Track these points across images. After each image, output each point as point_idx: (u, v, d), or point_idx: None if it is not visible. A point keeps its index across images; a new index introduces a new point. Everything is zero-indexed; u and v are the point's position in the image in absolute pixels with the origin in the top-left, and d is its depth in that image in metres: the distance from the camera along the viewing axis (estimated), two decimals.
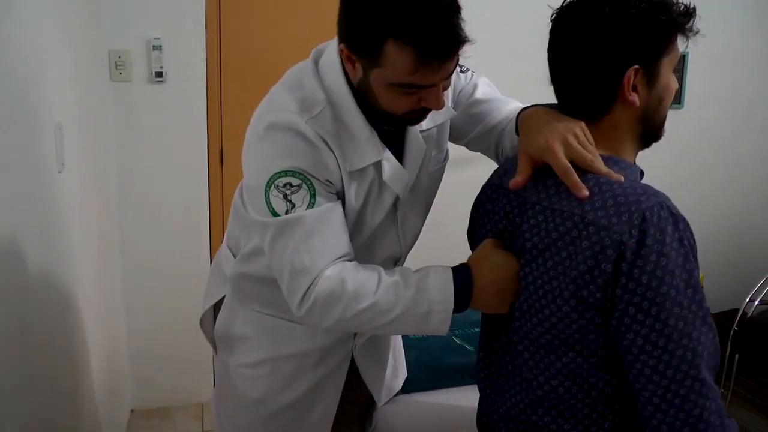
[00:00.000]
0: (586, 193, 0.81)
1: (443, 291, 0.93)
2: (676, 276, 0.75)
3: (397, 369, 1.37)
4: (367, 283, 0.93)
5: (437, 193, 1.20)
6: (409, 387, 1.41)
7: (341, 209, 0.99)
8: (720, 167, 3.04)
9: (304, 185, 0.94)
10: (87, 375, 1.59)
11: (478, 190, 1.04)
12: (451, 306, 0.93)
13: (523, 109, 0.99)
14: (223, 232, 2.33)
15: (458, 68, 1.15)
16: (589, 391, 0.85)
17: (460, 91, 1.15)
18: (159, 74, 2.17)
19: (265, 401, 1.17)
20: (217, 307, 1.24)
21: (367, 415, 1.35)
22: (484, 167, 1.08)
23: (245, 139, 1.01)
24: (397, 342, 1.38)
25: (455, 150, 1.21)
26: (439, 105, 0.94)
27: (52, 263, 1.34)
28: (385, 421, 1.34)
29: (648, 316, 0.76)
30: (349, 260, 0.97)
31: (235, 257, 1.17)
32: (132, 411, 2.40)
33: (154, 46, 2.15)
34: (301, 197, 0.94)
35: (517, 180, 0.88)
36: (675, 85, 0.88)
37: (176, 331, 2.33)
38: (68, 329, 1.45)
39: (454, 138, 1.18)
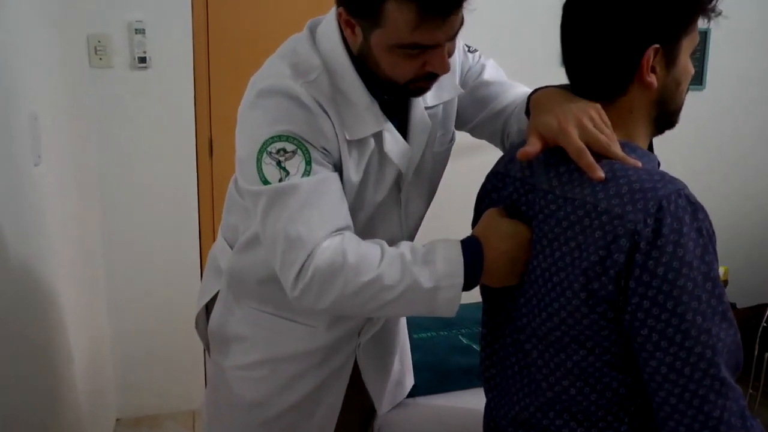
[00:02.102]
0: (602, 175, 0.81)
1: (452, 264, 0.90)
2: (694, 268, 0.75)
3: (403, 375, 1.37)
4: (369, 256, 0.91)
5: (442, 184, 1.19)
6: (413, 390, 1.41)
7: (339, 181, 0.98)
8: (744, 151, 3.02)
9: (299, 151, 0.93)
10: (69, 381, 1.60)
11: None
12: (461, 281, 0.91)
13: (535, 91, 0.99)
14: (214, 227, 2.36)
15: (466, 48, 1.15)
16: (603, 392, 0.85)
17: (467, 71, 1.15)
18: (142, 60, 2.16)
19: (263, 405, 1.17)
20: (211, 306, 1.24)
21: (369, 422, 1.35)
22: (492, 155, 1.08)
23: (238, 113, 1.01)
24: (404, 346, 1.38)
25: (461, 137, 1.21)
26: (445, 68, 0.93)
27: (30, 261, 1.34)
28: (388, 427, 1.34)
29: (663, 310, 0.76)
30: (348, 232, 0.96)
31: (232, 249, 1.17)
32: (118, 420, 2.41)
33: (136, 30, 2.15)
34: (295, 164, 0.93)
35: (527, 150, 0.87)
36: (692, 69, 0.88)
37: (164, 332, 2.34)
38: (48, 332, 1.45)
39: (459, 123, 1.18)
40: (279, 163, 0.93)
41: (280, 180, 0.93)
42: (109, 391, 2.31)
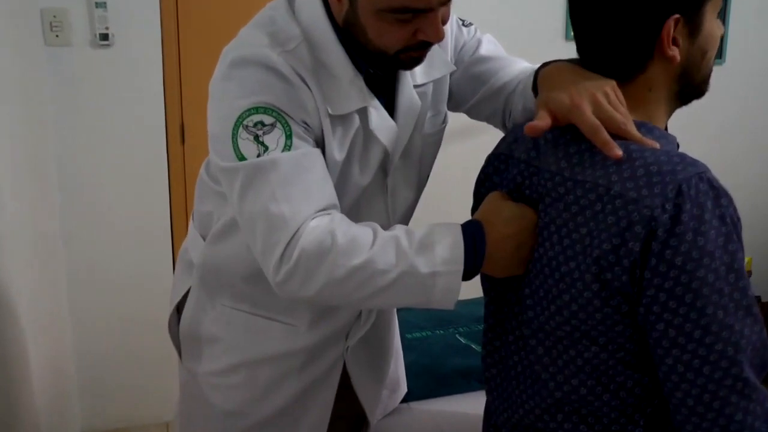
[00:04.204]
0: (620, 152, 0.80)
1: (451, 249, 0.90)
2: (716, 258, 0.75)
3: (397, 383, 1.37)
4: (360, 237, 0.91)
5: (437, 168, 1.20)
6: (407, 395, 1.41)
7: (322, 157, 0.98)
8: None
9: (278, 124, 0.93)
10: (26, 391, 1.58)
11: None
12: (461, 267, 0.90)
13: (542, 66, 0.99)
14: (187, 220, 2.34)
15: (459, 21, 1.16)
16: (616, 392, 0.85)
17: (461, 47, 1.15)
18: (104, 36, 2.14)
19: (240, 415, 1.17)
20: (182, 305, 1.23)
21: (359, 430, 1.35)
22: (492, 137, 1.08)
23: (209, 87, 1.01)
24: (399, 351, 1.38)
25: (457, 118, 1.21)
26: (439, 36, 0.94)
27: None
28: None
29: (681, 303, 0.76)
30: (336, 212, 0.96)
31: (205, 240, 1.17)
32: None
33: (96, 3, 2.12)
34: (275, 138, 0.93)
35: (537, 124, 0.86)
36: (720, 30, 0.88)
37: (134, 337, 2.32)
38: (2, 340, 1.44)
39: (455, 104, 1.18)
40: (257, 137, 0.92)
41: (258, 156, 0.92)
42: (72, 402, 2.29)
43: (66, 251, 2.26)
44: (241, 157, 0.93)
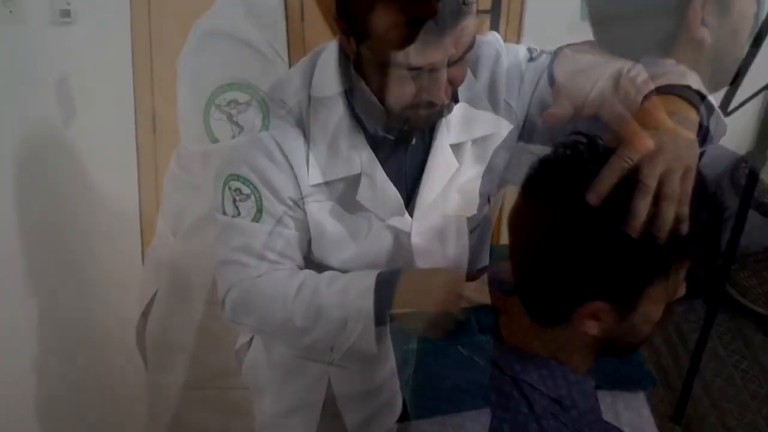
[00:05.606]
0: (651, 145, 0.75)
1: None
2: None
3: (391, 401, 1.32)
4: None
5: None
6: (403, 415, 1.33)
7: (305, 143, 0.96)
8: None
9: (254, 102, 0.94)
10: None
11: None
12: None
13: (560, 49, 0.99)
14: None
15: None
16: None
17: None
18: (65, 13, 2.12)
19: None
20: (149, 310, 1.27)
21: None
22: None
23: (179, 61, 1.04)
24: (392, 365, 1.32)
25: None
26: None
27: None
28: None
29: None
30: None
31: (175, 237, 1.19)
32: None
33: None
34: (250, 118, 0.92)
35: (555, 111, 0.86)
36: (753, 7, 0.86)
37: (99, 355, 2.29)
38: None
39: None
40: (230, 117, 0.93)
41: (233, 137, 0.93)
42: (29, 425, 2.24)
43: (21, 260, 2.20)
44: (214, 140, 0.94)
